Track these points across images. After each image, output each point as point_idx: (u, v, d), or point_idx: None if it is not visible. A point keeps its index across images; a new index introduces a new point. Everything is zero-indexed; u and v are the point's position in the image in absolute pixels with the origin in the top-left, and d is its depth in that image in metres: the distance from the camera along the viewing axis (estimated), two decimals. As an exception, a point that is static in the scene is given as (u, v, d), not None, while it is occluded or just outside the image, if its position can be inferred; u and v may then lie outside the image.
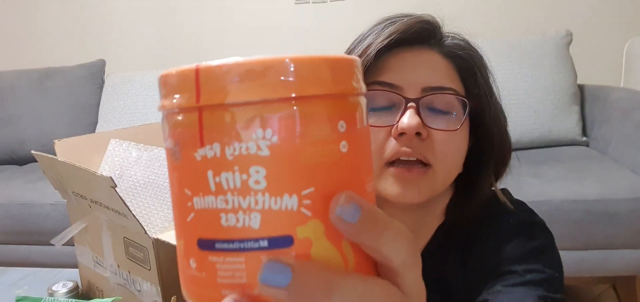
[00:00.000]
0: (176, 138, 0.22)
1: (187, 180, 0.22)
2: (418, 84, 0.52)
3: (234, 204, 0.21)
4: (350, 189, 0.22)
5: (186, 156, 0.22)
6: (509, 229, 0.58)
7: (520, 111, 1.81)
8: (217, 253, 0.22)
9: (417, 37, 0.53)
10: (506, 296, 0.53)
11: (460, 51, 0.55)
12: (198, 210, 0.22)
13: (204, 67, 0.21)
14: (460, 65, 0.55)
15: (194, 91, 0.21)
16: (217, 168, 0.21)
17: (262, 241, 0.21)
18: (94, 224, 1.06)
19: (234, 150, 0.21)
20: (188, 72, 0.21)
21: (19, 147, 2.22)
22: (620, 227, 1.33)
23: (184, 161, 0.22)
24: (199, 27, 2.54)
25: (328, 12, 2.41)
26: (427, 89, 0.52)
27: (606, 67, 2.15)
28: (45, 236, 1.69)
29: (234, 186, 0.21)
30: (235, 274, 0.21)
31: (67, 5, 2.66)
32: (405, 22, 0.54)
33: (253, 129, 0.21)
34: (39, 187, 1.76)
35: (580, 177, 1.45)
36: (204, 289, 0.22)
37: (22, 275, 1.29)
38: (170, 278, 0.95)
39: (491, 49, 2.00)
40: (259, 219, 0.21)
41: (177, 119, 0.22)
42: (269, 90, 0.21)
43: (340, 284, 0.20)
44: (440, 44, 0.55)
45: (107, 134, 1.24)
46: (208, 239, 0.22)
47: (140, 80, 2.17)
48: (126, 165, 1.10)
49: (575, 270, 1.39)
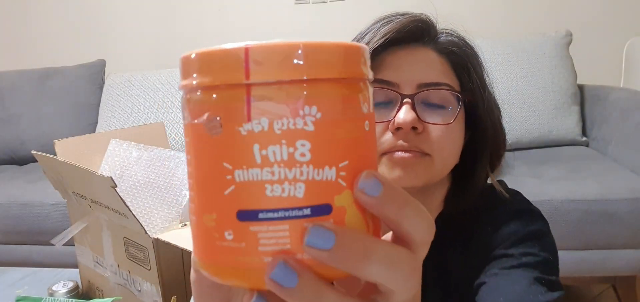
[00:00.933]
0: (217, 113, 0.23)
1: (228, 153, 0.23)
2: (413, 80, 0.54)
3: (280, 175, 0.23)
4: (371, 163, 0.25)
5: (229, 130, 0.23)
6: (505, 216, 0.60)
7: (520, 111, 1.81)
8: (260, 223, 0.23)
9: (412, 35, 0.56)
10: (503, 278, 0.55)
11: (454, 47, 0.57)
12: (240, 182, 0.23)
13: (254, 46, 0.23)
14: (454, 61, 0.57)
15: (243, 69, 0.22)
16: (264, 142, 0.23)
17: (305, 209, 0.23)
18: (94, 224, 1.06)
19: (282, 125, 0.22)
20: (236, 51, 0.23)
21: (19, 147, 2.22)
22: (620, 227, 1.33)
23: (226, 135, 0.23)
24: (199, 27, 2.54)
25: (328, 12, 2.41)
26: (422, 85, 0.54)
27: (606, 67, 2.15)
28: (46, 235, 1.69)
29: (281, 158, 0.23)
30: (279, 241, 0.23)
31: (67, 5, 2.66)
32: (400, 21, 0.55)
33: (300, 106, 0.23)
34: (39, 187, 1.76)
35: (580, 177, 1.45)
36: (242, 257, 0.23)
37: (22, 275, 1.29)
38: (170, 278, 0.95)
39: (491, 49, 2.01)
40: (303, 189, 0.23)
41: (219, 94, 0.23)
42: (316, 70, 0.23)
43: (376, 248, 0.23)
44: (435, 41, 0.57)
45: (107, 134, 1.24)
46: (251, 209, 0.23)
47: (140, 80, 2.17)
48: (126, 165, 1.10)
49: (575, 270, 1.39)
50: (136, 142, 1.18)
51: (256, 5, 2.47)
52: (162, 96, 2.10)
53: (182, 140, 2.03)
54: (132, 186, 1.03)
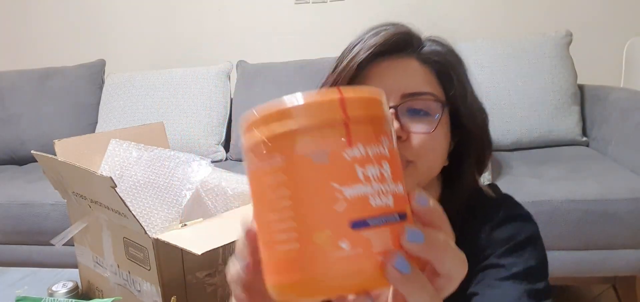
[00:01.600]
0: (322, 145, 0.29)
1: (336, 176, 0.29)
2: (398, 90, 0.57)
3: (378, 189, 0.29)
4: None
5: (335, 157, 0.29)
6: (497, 220, 0.63)
7: (520, 111, 1.81)
8: (370, 228, 0.28)
9: (396, 46, 0.58)
10: (494, 290, 0.58)
11: (437, 57, 0.59)
12: (349, 198, 0.28)
13: (347, 93, 0.30)
14: (438, 69, 0.59)
15: (340, 110, 0.29)
16: (362, 163, 0.29)
17: (397, 215, 0.29)
18: (94, 224, 1.06)
19: (373, 150, 0.29)
20: (332, 96, 0.29)
21: (19, 147, 2.22)
22: (620, 227, 1.33)
23: (332, 161, 0.29)
24: (198, 26, 2.54)
25: (328, 12, 2.41)
26: (406, 95, 0.57)
27: (606, 67, 2.15)
28: (45, 236, 1.69)
29: (376, 175, 0.29)
30: (385, 242, 0.29)
31: (67, 6, 2.66)
32: (384, 34, 0.58)
33: (382, 135, 0.30)
34: (39, 187, 1.76)
35: (580, 177, 1.45)
36: (363, 262, 0.28)
37: (22, 275, 1.29)
38: (170, 278, 0.95)
39: (491, 49, 2.01)
40: (392, 199, 0.29)
41: (323, 131, 0.29)
42: (387, 109, 0.31)
43: (450, 243, 0.30)
44: (418, 51, 0.59)
45: (107, 134, 1.24)
46: (361, 219, 0.28)
47: (140, 80, 2.17)
48: (126, 165, 1.10)
49: (575, 270, 1.39)
50: (136, 142, 1.18)
51: (256, 5, 2.47)
52: (162, 96, 2.10)
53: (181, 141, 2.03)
54: (132, 186, 1.03)
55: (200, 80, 2.11)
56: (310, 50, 2.28)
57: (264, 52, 2.42)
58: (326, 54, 2.11)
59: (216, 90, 2.10)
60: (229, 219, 0.99)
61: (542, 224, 1.45)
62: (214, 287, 1.03)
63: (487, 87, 1.84)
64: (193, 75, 2.13)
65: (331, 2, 2.40)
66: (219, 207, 1.09)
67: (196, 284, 1.00)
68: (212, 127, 2.05)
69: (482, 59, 1.87)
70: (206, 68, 2.15)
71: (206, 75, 2.12)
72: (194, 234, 0.93)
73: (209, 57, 2.48)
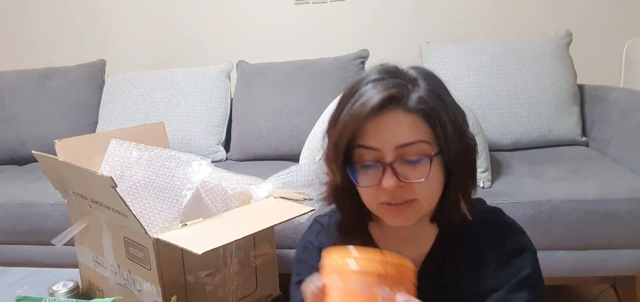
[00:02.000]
0: (363, 283, 0.53)
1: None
2: (391, 143, 0.65)
3: None
4: None
5: (369, 290, 0.53)
6: (504, 254, 0.71)
7: (520, 111, 1.81)
8: None
9: (388, 102, 0.65)
10: None
11: (422, 105, 0.66)
12: None
13: (387, 256, 0.54)
14: (424, 115, 0.66)
15: (380, 264, 0.53)
16: (385, 297, 0.53)
17: None
18: (94, 224, 1.06)
19: (383, 291, 0.52)
20: (373, 257, 0.54)
21: (19, 147, 2.22)
22: (620, 227, 1.33)
23: (366, 294, 0.53)
24: (199, 26, 2.54)
25: (328, 12, 2.41)
26: (399, 146, 0.65)
27: (606, 67, 2.15)
28: (46, 235, 1.69)
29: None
30: None
31: (67, 6, 2.66)
32: (376, 100, 0.65)
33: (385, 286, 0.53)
34: (39, 187, 1.76)
35: (580, 177, 1.45)
36: None
37: (22, 275, 1.29)
38: (170, 278, 0.95)
39: (491, 49, 2.01)
40: None
41: (365, 277, 0.53)
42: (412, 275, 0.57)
43: None
44: (406, 104, 0.66)
45: (107, 134, 1.24)
46: None
47: (140, 80, 2.17)
48: (127, 165, 1.10)
49: (575, 270, 1.39)
50: (136, 142, 1.18)
51: (256, 5, 2.47)
52: (162, 96, 2.10)
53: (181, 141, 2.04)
54: (133, 186, 1.03)
55: (200, 80, 2.11)
56: (310, 50, 2.28)
57: (264, 52, 2.42)
58: (326, 54, 2.11)
59: (216, 90, 2.10)
60: (229, 219, 0.99)
61: (542, 224, 1.45)
62: (214, 287, 1.03)
63: (487, 87, 1.84)
64: (193, 75, 2.13)
65: (331, 2, 2.40)
66: (219, 207, 1.09)
67: (196, 283, 1.00)
68: (212, 127, 2.05)
69: (482, 59, 1.87)
70: (206, 68, 2.15)
71: (206, 75, 2.12)
72: (194, 233, 0.93)
73: (209, 57, 2.48)
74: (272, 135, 1.96)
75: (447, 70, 1.88)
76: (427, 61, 1.95)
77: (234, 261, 1.04)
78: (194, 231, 0.95)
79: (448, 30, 2.28)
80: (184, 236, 0.91)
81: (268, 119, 1.96)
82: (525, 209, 1.35)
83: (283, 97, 1.98)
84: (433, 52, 1.97)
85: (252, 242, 1.08)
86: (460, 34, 2.24)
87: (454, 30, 2.27)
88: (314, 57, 2.10)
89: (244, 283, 1.08)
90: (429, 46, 2.00)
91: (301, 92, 1.96)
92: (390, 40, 2.35)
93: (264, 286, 1.12)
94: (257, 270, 1.10)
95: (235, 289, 1.06)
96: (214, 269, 1.02)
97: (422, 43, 2.03)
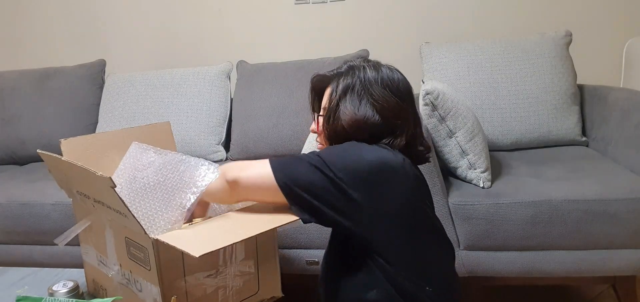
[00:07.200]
0: None
1: None
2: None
3: None
4: None
5: None
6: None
7: (520, 111, 1.81)
8: None
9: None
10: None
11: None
12: None
13: None
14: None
15: None
16: None
17: None
18: (97, 223, 1.07)
19: None
20: None
21: (19, 147, 2.22)
22: (620, 227, 1.33)
23: None
24: (199, 26, 2.54)
25: (328, 12, 2.41)
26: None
27: (606, 67, 2.16)
28: (46, 235, 1.69)
29: None
30: None
31: (67, 6, 2.66)
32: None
33: None
34: (39, 187, 1.76)
35: (580, 177, 1.45)
36: None
37: (22, 275, 1.29)
38: (170, 278, 0.95)
39: (491, 49, 2.00)
40: None
41: None
42: None
43: None
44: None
45: (113, 134, 1.24)
46: None
47: (140, 80, 2.17)
48: (140, 167, 1.11)
49: (575, 270, 1.39)
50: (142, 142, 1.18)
51: (256, 6, 2.47)
52: (162, 96, 2.10)
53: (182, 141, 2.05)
54: (142, 188, 1.04)
55: (201, 80, 2.11)
56: (310, 50, 2.28)
57: (264, 52, 2.42)
58: (326, 54, 2.11)
59: (216, 90, 2.10)
60: (232, 220, 0.99)
61: (542, 224, 1.45)
62: (214, 288, 1.03)
63: (487, 87, 1.84)
64: (193, 75, 2.13)
65: (331, 2, 2.40)
66: (223, 206, 1.09)
67: (197, 285, 1.00)
68: (212, 127, 2.05)
69: (482, 59, 1.87)
70: (206, 68, 2.15)
71: (206, 75, 2.12)
72: (194, 235, 0.93)
73: (209, 57, 2.48)
74: (272, 135, 1.96)
75: (447, 70, 1.89)
76: (427, 61, 1.95)
77: (235, 262, 1.04)
78: (195, 232, 0.95)
79: (448, 30, 2.28)
80: (183, 237, 0.91)
81: (268, 119, 1.96)
82: (525, 209, 1.36)
83: (283, 97, 1.98)
84: (433, 52, 1.97)
85: (253, 244, 1.08)
86: (460, 34, 2.24)
87: (454, 30, 2.28)
88: (314, 57, 2.10)
89: (245, 285, 1.08)
90: (429, 46, 2.00)
91: (301, 92, 1.96)
92: (390, 40, 2.35)
93: (266, 287, 1.12)
94: (258, 271, 1.10)
95: (236, 290, 1.06)
96: (215, 270, 1.02)
97: (422, 43, 2.03)
